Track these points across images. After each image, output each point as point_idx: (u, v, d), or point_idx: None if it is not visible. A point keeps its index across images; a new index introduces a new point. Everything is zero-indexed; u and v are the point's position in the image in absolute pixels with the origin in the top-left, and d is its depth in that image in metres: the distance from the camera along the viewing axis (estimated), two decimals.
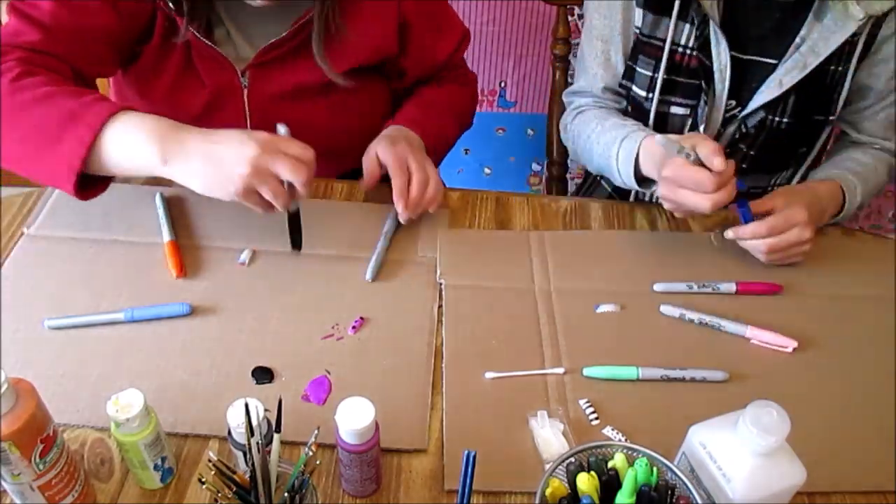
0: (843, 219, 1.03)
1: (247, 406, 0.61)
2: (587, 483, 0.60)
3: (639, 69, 1.08)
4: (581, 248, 0.98)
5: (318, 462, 0.72)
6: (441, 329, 0.87)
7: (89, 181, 0.85)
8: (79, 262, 0.91)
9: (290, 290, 0.90)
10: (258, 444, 0.59)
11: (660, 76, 1.05)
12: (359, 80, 1.02)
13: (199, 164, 0.79)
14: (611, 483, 0.60)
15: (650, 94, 1.07)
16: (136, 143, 0.80)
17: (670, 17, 1.01)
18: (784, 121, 1.03)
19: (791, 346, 0.86)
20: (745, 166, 1.11)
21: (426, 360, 0.83)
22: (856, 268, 0.98)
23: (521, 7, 1.71)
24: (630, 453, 0.63)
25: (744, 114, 1.04)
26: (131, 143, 0.80)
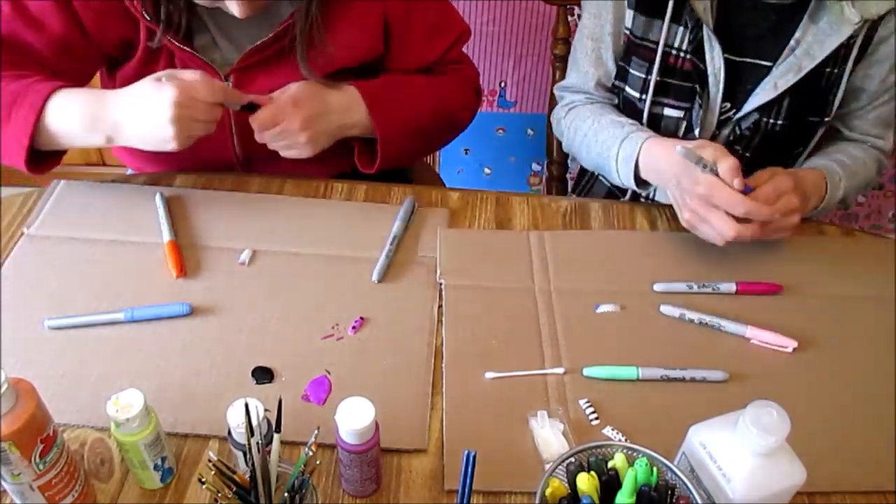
0: (822, 210, 1.01)
1: (247, 406, 0.61)
2: (587, 483, 0.60)
3: (632, 71, 1.07)
4: (581, 248, 0.98)
5: (318, 462, 0.72)
6: (441, 329, 0.87)
7: (44, 156, 0.93)
8: (79, 262, 0.91)
9: (290, 290, 0.90)
10: (258, 444, 0.59)
11: (653, 79, 1.04)
12: (345, 81, 1.00)
13: (133, 131, 0.88)
14: (611, 483, 0.60)
15: (643, 96, 1.07)
16: (74, 124, 0.88)
17: (663, 20, 1.00)
18: (779, 123, 1.03)
19: (791, 346, 0.86)
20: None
21: (426, 360, 0.83)
22: (856, 268, 0.98)
23: (521, 7, 1.71)
24: (630, 453, 0.63)
25: (738, 116, 1.04)
26: (69, 122, 0.88)
